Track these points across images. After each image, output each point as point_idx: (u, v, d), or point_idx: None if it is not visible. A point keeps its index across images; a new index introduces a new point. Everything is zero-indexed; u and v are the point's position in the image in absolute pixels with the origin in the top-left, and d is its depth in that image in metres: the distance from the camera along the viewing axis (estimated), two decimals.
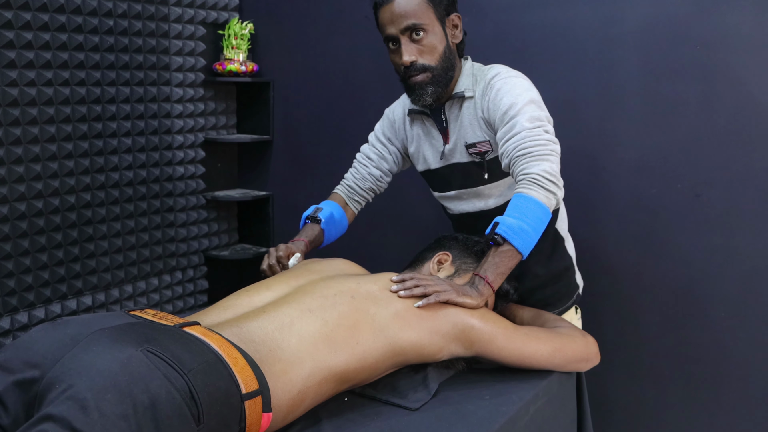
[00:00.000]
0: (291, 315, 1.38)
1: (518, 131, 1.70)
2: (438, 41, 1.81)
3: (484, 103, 1.83)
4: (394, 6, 1.78)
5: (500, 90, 1.79)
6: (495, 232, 1.62)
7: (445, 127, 1.92)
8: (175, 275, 3.15)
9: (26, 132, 2.49)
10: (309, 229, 2.01)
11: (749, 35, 2.09)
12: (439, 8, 1.81)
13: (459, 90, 1.87)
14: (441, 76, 1.83)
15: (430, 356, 1.53)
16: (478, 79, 1.87)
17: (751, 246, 2.16)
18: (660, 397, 2.38)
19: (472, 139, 1.87)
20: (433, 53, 1.81)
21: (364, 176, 2.11)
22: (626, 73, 2.29)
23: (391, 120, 2.08)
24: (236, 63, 3.08)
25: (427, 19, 1.78)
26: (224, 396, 1.14)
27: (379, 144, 2.10)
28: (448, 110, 1.91)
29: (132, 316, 1.28)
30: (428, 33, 1.79)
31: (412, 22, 1.77)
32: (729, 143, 2.16)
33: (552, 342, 1.63)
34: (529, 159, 1.66)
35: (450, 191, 2.01)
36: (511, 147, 1.70)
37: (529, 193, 1.63)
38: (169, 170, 3.03)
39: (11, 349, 1.15)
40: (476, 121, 1.86)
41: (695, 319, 2.28)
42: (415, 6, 1.77)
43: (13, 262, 2.51)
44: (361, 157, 2.14)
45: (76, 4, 2.56)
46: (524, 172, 1.65)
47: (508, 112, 1.74)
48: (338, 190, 2.15)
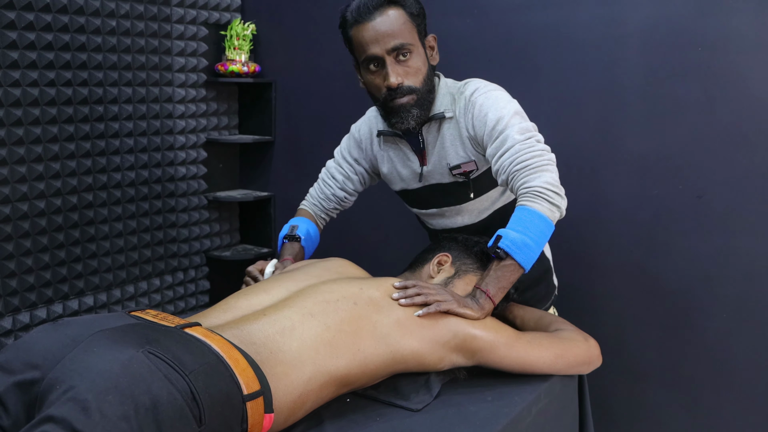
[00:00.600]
0: (292, 319, 1.37)
1: (511, 145, 1.66)
2: (422, 63, 1.76)
3: (468, 121, 1.78)
4: (377, 24, 1.72)
5: (483, 105, 1.75)
6: (498, 246, 1.60)
7: (422, 148, 1.87)
8: (177, 276, 3.15)
9: (29, 132, 2.49)
10: (290, 248, 1.99)
11: (751, 37, 2.09)
12: (420, 28, 1.76)
13: (438, 111, 1.82)
14: (425, 98, 1.78)
15: (432, 366, 1.53)
16: (455, 98, 1.82)
17: (752, 247, 2.16)
18: (661, 398, 2.38)
19: (456, 161, 1.83)
20: (418, 75, 1.75)
21: (328, 196, 2.09)
22: (628, 74, 2.29)
23: (357, 140, 2.03)
24: (238, 64, 3.08)
25: (412, 39, 1.73)
26: (226, 397, 1.14)
27: (345, 164, 2.06)
28: (426, 132, 1.85)
29: (133, 317, 1.27)
30: (413, 54, 1.74)
31: (399, 41, 1.71)
32: (731, 144, 2.16)
33: (554, 348, 1.62)
34: (528, 172, 1.63)
35: (431, 209, 1.98)
36: (507, 162, 1.66)
37: (532, 206, 1.60)
38: (171, 171, 3.03)
39: (12, 349, 1.15)
40: (459, 141, 1.82)
41: (697, 320, 2.28)
42: (401, 25, 1.72)
43: (15, 262, 2.51)
44: (326, 175, 2.11)
45: (78, 5, 2.56)
46: (526, 185, 1.62)
47: (495, 127, 1.70)
48: (305, 206, 2.14)
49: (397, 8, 1.72)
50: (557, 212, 1.63)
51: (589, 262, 2.37)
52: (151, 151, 2.93)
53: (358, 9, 1.74)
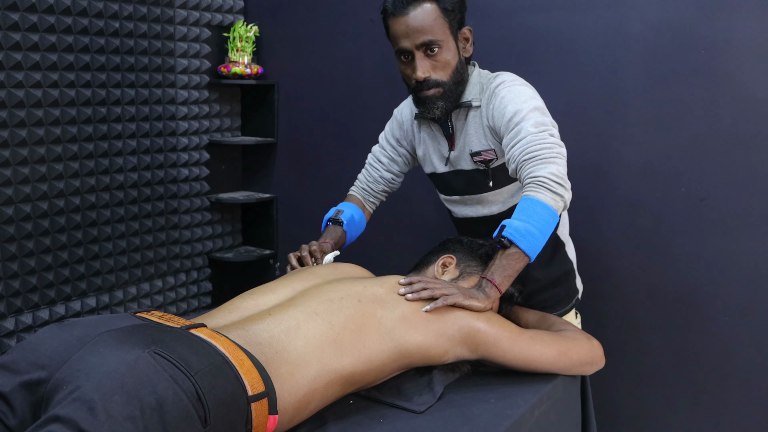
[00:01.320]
0: (297, 318, 1.38)
1: (523, 136, 1.69)
2: (451, 57, 1.80)
3: (489, 111, 1.83)
4: (409, 19, 1.76)
5: (504, 98, 1.79)
6: (502, 234, 1.61)
7: (451, 134, 1.92)
8: (179, 277, 3.15)
9: (32, 133, 2.49)
10: (332, 231, 2.04)
11: (753, 40, 2.09)
12: (453, 23, 1.79)
13: (466, 99, 1.87)
14: (452, 91, 1.83)
15: (436, 359, 1.54)
16: (484, 88, 1.87)
17: (754, 250, 2.16)
18: (664, 400, 2.38)
19: (477, 148, 1.88)
20: (446, 69, 1.80)
21: (376, 179, 2.14)
22: (631, 77, 2.29)
23: (399, 121, 2.09)
24: (241, 65, 3.08)
25: (442, 35, 1.77)
26: (231, 398, 1.15)
27: (389, 146, 2.11)
28: (455, 118, 1.90)
29: (138, 318, 1.28)
30: (443, 49, 1.78)
31: (428, 38, 1.75)
32: (733, 147, 2.16)
33: (557, 345, 1.63)
34: (535, 162, 1.66)
35: (454, 196, 2.02)
36: (518, 152, 1.70)
37: (536, 195, 1.62)
38: (174, 172, 3.04)
39: (18, 350, 1.16)
40: (481, 129, 1.86)
41: (699, 323, 2.28)
42: (432, 21, 1.75)
43: (17, 263, 2.51)
44: (372, 159, 2.16)
45: (81, 6, 2.57)
46: (531, 175, 1.65)
47: (512, 119, 1.74)
48: (354, 192, 2.19)
49: (431, 3, 1.76)
50: (561, 202, 1.64)
51: (591, 264, 2.37)
52: (153, 153, 2.93)
53: (395, 3, 1.78)
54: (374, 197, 2.18)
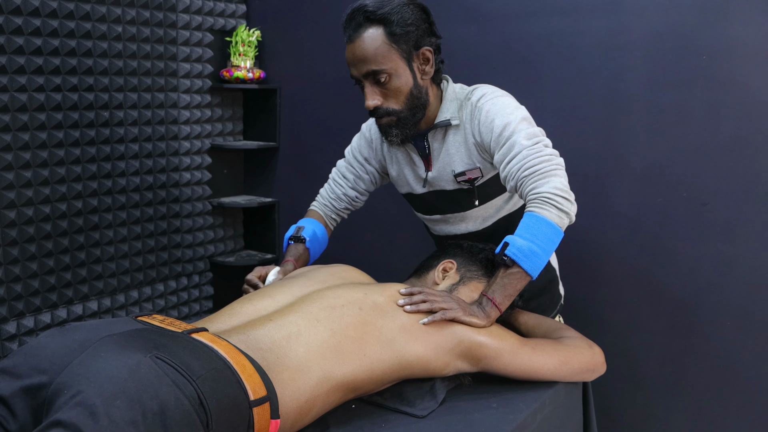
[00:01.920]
0: (298, 324, 1.38)
1: (518, 150, 1.64)
2: (403, 83, 1.71)
3: (474, 127, 1.76)
4: (354, 47, 1.69)
5: (489, 111, 1.72)
6: (504, 253, 1.58)
7: (427, 154, 1.85)
8: (181, 281, 3.15)
9: (34, 137, 2.50)
10: (294, 249, 1.97)
11: (755, 45, 2.09)
12: (405, 47, 1.69)
13: (444, 118, 1.79)
14: (407, 119, 1.74)
15: (437, 371, 1.53)
16: (462, 104, 1.79)
17: (756, 255, 2.16)
18: (666, 405, 2.38)
19: (461, 168, 1.81)
20: (398, 96, 1.71)
21: (339, 196, 2.06)
22: (632, 82, 2.29)
23: (368, 139, 2.01)
24: (243, 70, 3.09)
25: (389, 63, 1.68)
26: (232, 403, 1.15)
27: (356, 163, 2.03)
28: (431, 138, 1.83)
29: (140, 322, 1.28)
30: (392, 77, 1.69)
31: (372, 68, 1.68)
32: (735, 152, 2.16)
33: (558, 355, 1.63)
34: (537, 177, 1.61)
35: (435, 215, 1.97)
36: (515, 168, 1.64)
37: (541, 212, 1.58)
38: (176, 176, 3.04)
39: (19, 354, 1.16)
40: (464, 148, 1.80)
41: (701, 328, 2.28)
42: (375, 50, 1.66)
43: (20, 266, 2.51)
44: (336, 174, 2.08)
45: (85, 11, 2.57)
46: (534, 191, 1.60)
47: (502, 133, 1.68)
48: (315, 207, 2.10)
49: (377, 27, 1.67)
50: (566, 218, 1.61)
51: (593, 269, 2.37)
52: (155, 157, 2.94)
53: (344, 27, 1.72)
54: (336, 214, 2.09)
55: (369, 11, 1.66)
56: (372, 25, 1.67)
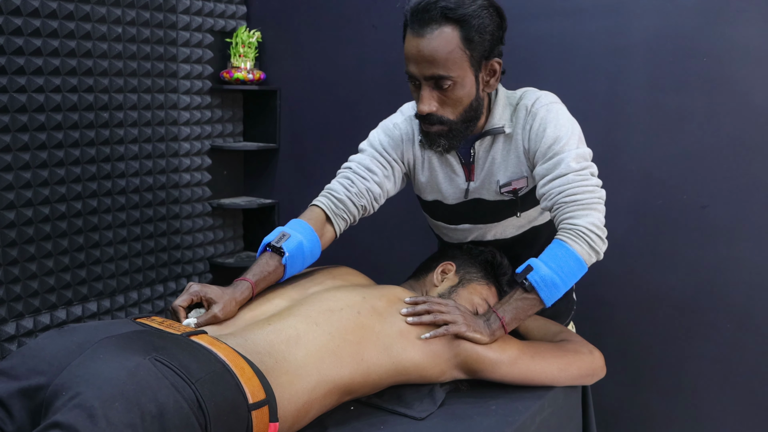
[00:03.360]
0: (297, 328, 1.37)
1: (564, 172, 1.55)
2: (466, 94, 1.55)
3: (525, 133, 1.63)
4: (422, 43, 1.49)
5: (544, 119, 1.60)
6: (526, 277, 1.52)
7: (471, 162, 1.70)
8: (180, 282, 3.15)
9: (33, 138, 2.50)
10: (263, 264, 1.57)
11: (755, 48, 2.09)
12: (477, 55, 1.52)
13: (496, 125, 1.65)
14: (458, 131, 1.60)
15: (433, 378, 1.54)
16: (515, 109, 1.66)
17: (756, 257, 2.16)
18: (665, 407, 2.38)
19: (506, 178, 1.69)
20: (456, 107, 1.56)
21: (360, 191, 1.73)
22: (632, 84, 2.29)
23: (396, 139, 1.77)
24: (243, 71, 3.09)
25: (458, 70, 1.51)
26: (231, 406, 1.14)
27: (383, 159, 1.76)
28: (478, 145, 1.69)
29: (139, 324, 1.28)
30: (456, 85, 1.52)
31: (439, 72, 1.50)
32: (734, 155, 2.16)
33: (558, 362, 1.62)
34: (576, 208, 1.54)
35: (463, 224, 1.84)
36: (556, 190, 1.55)
37: (572, 245, 1.52)
38: (176, 177, 3.04)
39: (17, 356, 1.15)
40: (514, 156, 1.67)
41: (700, 330, 2.28)
42: (447, 53, 1.48)
43: (19, 267, 2.51)
44: (358, 167, 1.76)
45: (84, 12, 2.57)
46: (571, 221, 1.53)
47: (552, 146, 1.57)
48: (321, 204, 1.73)
49: (453, 28, 1.48)
50: (594, 257, 1.56)
51: (593, 271, 2.36)
52: (155, 158, 2.94)
53: (414, 15, 1.50)
54: (348, 214, 1.73)
55: (449, 8, 1.47)
56: (448, 24, 1.48)
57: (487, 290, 1.76)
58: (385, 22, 2.82)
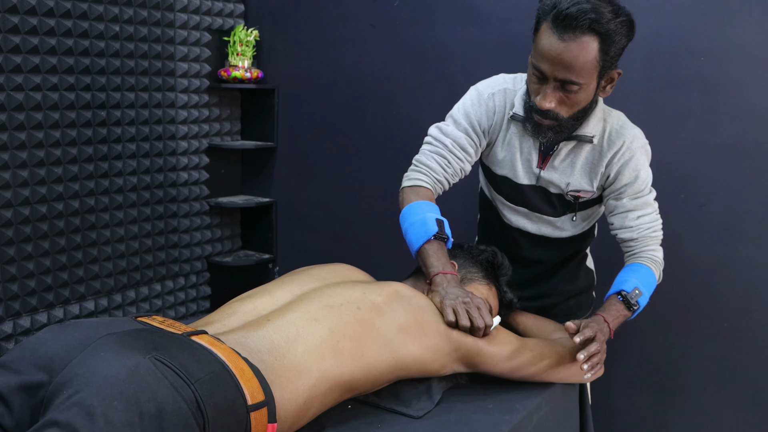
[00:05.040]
0: (297, 324, 1.37)
1: (651, 212, 1.79)
2: (585, 98, 1.63)
3: (616, 162, 1.74)
4: (562, 49, 1.54)
5: (639, 161, 1.75)
6: (637, 300, 1.71)
7: (549, 153, 1.78)
8: (178, 281, 3.15)
9: (31, 136, 2.49)
10: (445, 253, 1.72)
11: (753, 47, 2.09)
12: (606, 66, 1.60)
13: (587, 133, 1.73)
14: (567, 127, 1.68)
15: (433, 372, 1.54)
16: (607, 128, 1.75)
17: (753, 257, 2.17)
18: (662, 406, 2.38)
19: (578, 186, 1.80)
20: (573, 107, 1.64)
21: (455, 171, 1.83)
22: (630, 83, 2.29)
23: (490, 108, 1.81)
24: (241, 69, 3.08)
25: (588, 78, 1.58)
26: (230, 407, 1.14)
27: (475, 135, 1.81)
28: (563, 144, 1.77)
29: (140, 323, 1.27)
30: (581, 90, 1.60)
31: (571, 78, 1.57)
32: (732, 154, 2.16)
33: (555, 357, 1.64)
34: (657, 242, 1.80)
35: (522, 207, 1.89)
36: (645, 225, 1.78)
37: (657, 275, 1.78)
38: (173, 176, 3.04)
39: (18, 349, 1.15)
40: (590, 168, 1.77)
41: (698, 329, 2.28)
42: (584, 63, 1.54)
43: (16, 266, 2.51)
44: (453, 145, 1.80)
45: (82, 9, 2.57)
46: (656, 255, 1.79)
47: (642, 189, 1.77)
48: (425, 183, 1.81)
49: (595, 39, 1.53)
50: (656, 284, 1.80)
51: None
52: (153, 156, 2.93)
53: (561, 17, 1.53)
54: (441, 192, 1.85)
55: (598, 21, 1.52)
56: (593, 35, 1.53)
57: (488, 290, 1.77)
58: (383, 21, 2.82)
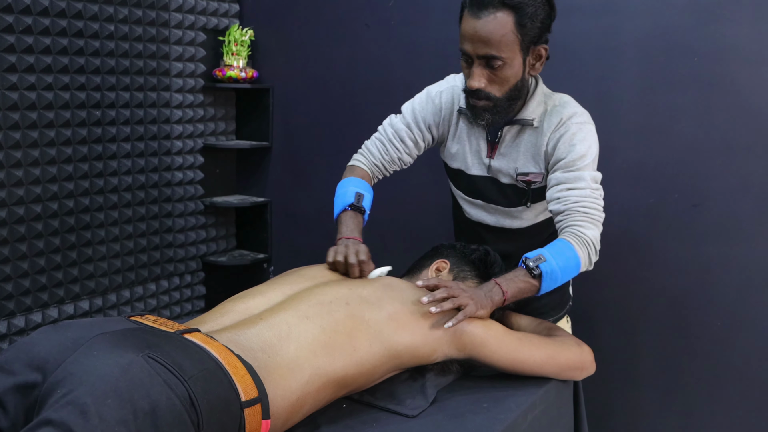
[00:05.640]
0: (288, 322, 1.38)
1: (583, 186, 1.71)
2: (513, 74, 1.69)
3: (553, 138, 1.77)
4: (478, 25, 1.63)
5: (576, 135, 1.74)
6: (539, 265, 1.63)
7: (496, 142, 1.84)
8: (173, 281, 3.15)
9: (26, 136, 2.49)
10: (356, 221, 1.84)
11: (746, 47, 2.10)
12: (527, 39, 1.66)
13: (527, 117, 1.79)
14: (503, 107, 1.74)
15: (425, 358, 1.55)
16: (548, 109, 1.80)
17: (747, 256, 2.17)
18: (656, 405, 2.39)
19: (525, 169, 1.83)
20: (503, 85, 1.70)
21: (393, 159, 1.96)
22: (624, 83, 2.30)
23: (437, 106, 1.92)
24: (236, 69, 3.08)
25: (509, 52, 1.65)
26: (224, 403, 1.15)
27: (417, 129, 1.93)
28: (507, 130, 1.83)
29: (133, 322, 1.28)
30: (506, 65, 1.66)
31: (492, 53, 1.64)
32: (726, 154, 2.17)
33: (546, 348, 1.64)
34: (587, 220, 1.69)
35: (478, 200, 1.96)
36: (573, 199, 1.71)
37: (579, 252, 1.66)
38: (168, 176, 3.04)
39: (12, 350, 1.15)
40: (535, 150, 1.81)
41: (692, 328, 2.29)
42: (501, 36, 1.62)
43: (11, 266, 2.51)
44: (393, 136, 1.95)
45: (77, 9, 2.57)
46: (581, 231, 1.68)
47: (576, 162, 1.73)
48: (362, 165, 1.98)
49: (509, 14, 1.62)
50: (588, 267, 1.71)
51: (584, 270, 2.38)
52: (148, 156, 2.93)
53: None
54: (382, 175, 2.00)
55: None
56: (505, 9, 1.62)
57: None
58: (377, 21, 2.82)
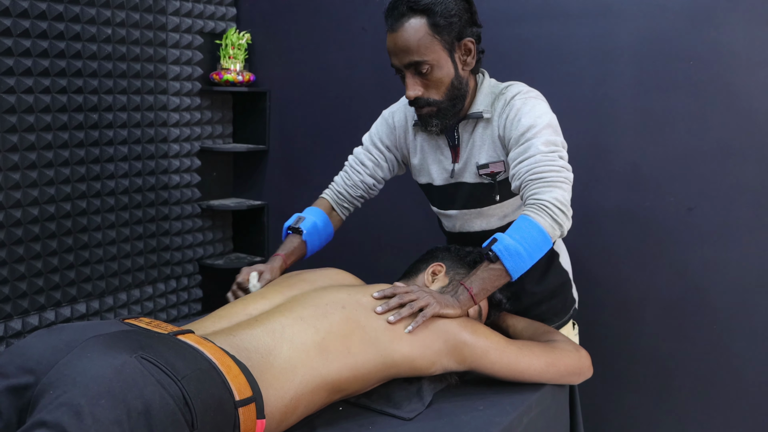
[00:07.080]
0: (282, 323, 1.39)
1: (533, 154, 1.64)
2: (445, 74, 1.70)
3: (501, 121, 1.75)
4: (396, 37, 1.67)
5: (520, 110, 1.71)
6: (491, 248, 1.59)
7: (456, 145, 1.84)
8: (170, 284, 3.15)
9: (23, 139, 2.49)
10: (289, 242, 1.92)
11: (741, 51, 2.11)
12: (448, 37, 1.68)
13: (476, 110, 1.79)
14: (447, 109, 1.75)
15: (423, 370, 1.53)
16: (496, 98, 1.79)
17: (743, 259, 2.18)
18: (652, 408, 2.39)
19: (485, 160, 1.80)
20: (439, 87, 1.71)
21: (356, 183, 2.01)
22: (620, 86, 2.30)
23: (390, 126, 1.97)
24: (233, 73, 3.09)
25: (431, 54, 1.67)
26: (218, 403, 1.15)
27: (376, 150, 1.99)
28: (462, 129, 1.83)
29: (126, 324, 1.28)
30: (434, 68, 1.68)
31: (414, 59, 1.66)
32: (721, 157, 2.18)
33: (545, 356, 1.63)
34: (541, 184, 1.61)
35: (451, 210, 1.94)
36: (524, 169, 1.64)
37: (535, 218, 1.58)
38: (165, 179, 3.04)
39: (6, 354, 1.16)
40: (490, 140, 1.79)
41: (688, 332, 2.29)
42: (418, 41, 1.65)
43: (7, 268, 2.51)
44: (354, 162, 2.02)
45: (74, 13, 2.57)
46: (535, 197, 1.60)
47: (525, 133, 1.67)
48: (326, 195, 2.05)
49: (420, 18, 1.65)
50: (558, 230, 1.60)
51: (580, 273, 2.38)
52: (145, 159, 2.93)
53: (387, 16, 1.70)
54: (349, 203, 2.04)
55: (413, 1, 1.65)
56: (415, 15, 1.65)
57: None
58: (374, 24, 2.83)
